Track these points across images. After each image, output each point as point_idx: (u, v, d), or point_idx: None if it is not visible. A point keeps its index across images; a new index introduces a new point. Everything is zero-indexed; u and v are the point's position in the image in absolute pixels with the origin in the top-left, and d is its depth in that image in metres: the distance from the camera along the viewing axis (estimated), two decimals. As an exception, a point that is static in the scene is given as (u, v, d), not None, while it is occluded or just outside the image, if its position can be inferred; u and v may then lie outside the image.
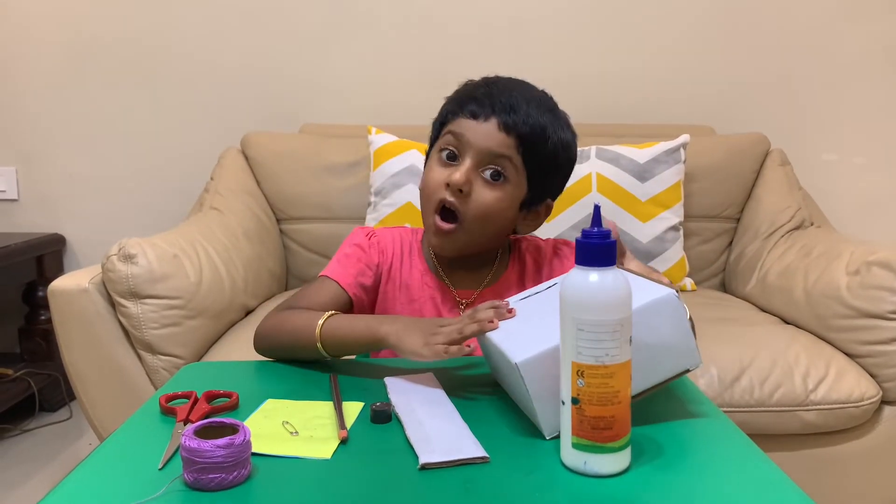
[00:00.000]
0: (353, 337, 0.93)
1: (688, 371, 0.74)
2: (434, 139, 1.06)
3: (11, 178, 2.29)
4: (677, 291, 0.73)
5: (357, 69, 2.23)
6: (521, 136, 0.97)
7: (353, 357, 1.02)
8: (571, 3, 2.21)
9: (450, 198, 0.98)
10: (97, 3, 2.21)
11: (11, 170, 2.29)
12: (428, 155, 1.07)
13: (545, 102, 1.02)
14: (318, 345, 0.93)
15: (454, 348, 0.81)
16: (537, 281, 1.08)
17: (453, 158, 1.00)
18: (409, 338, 0.86)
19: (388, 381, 0.87)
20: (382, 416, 0.76)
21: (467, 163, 0.98)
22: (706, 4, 2.21)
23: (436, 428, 0.73)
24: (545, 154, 0.99)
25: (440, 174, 1.00)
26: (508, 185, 0.99)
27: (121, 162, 2.28)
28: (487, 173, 0.98)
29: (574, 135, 1.04)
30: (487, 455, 0.67)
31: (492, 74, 1.04)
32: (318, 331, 0.93)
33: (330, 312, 0.96)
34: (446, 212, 1.00)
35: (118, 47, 2.23)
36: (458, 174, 0.97)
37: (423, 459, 0.66)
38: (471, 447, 0.69)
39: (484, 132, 0.98)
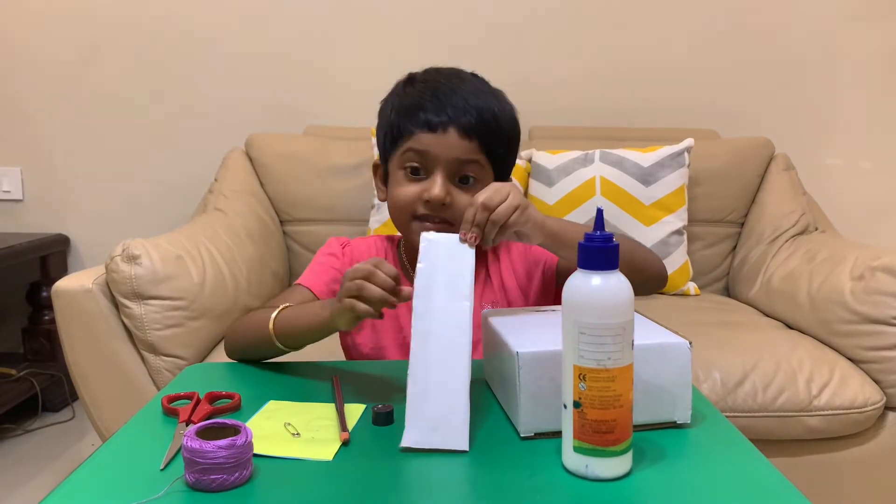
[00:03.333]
0: (305, 322, 0.91)
1: (674, 424, 0.75)
2: (387, 151, 1.03)
3: (16, 178, 2.30)
4: (690, 344, 0.74)
5: (362, 71, 2.23)
6: (481, 135, 0.98)
7: (355, 359, 1.02)
8: (576, 7, 2.21)
9: (430, 212, 0.98)
10: (102, 4, 2.22)
11: (16, 170, 2.30)
12: (385, 170, 1.05)
13: (483, 87, 1.01)
14: (273, 337, 0.92)
15: (361, 307, 0.80)
16: (497, 267, 1.08)
17: (418, 173, 0.99)
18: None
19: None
20: (384, 418, 0.76)
21: (439, 176, 0.97)
22: (711, 8, 2.21)
23: (433, 395, 0.73)
24: (502, 139, 1.01)
25: (411, 189, 0.99)
26: (479, 182, 0.99)
27: (125, 163, 2.28)
28: (458, 179, 0.99)
29: (511, 105, 1.04)
30: (467, 448, 0.70)
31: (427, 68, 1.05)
32: (271, 324, 0.92)
33: (285, 304, 0.95)
34: (429, 220, 0.99)
35: (123, 49, 2.24)
36: (437, 189, 0.96)
37: (404, 441, 0.70)
38: (455, 437, 0.70)
39: (447, 143, 0.97)
